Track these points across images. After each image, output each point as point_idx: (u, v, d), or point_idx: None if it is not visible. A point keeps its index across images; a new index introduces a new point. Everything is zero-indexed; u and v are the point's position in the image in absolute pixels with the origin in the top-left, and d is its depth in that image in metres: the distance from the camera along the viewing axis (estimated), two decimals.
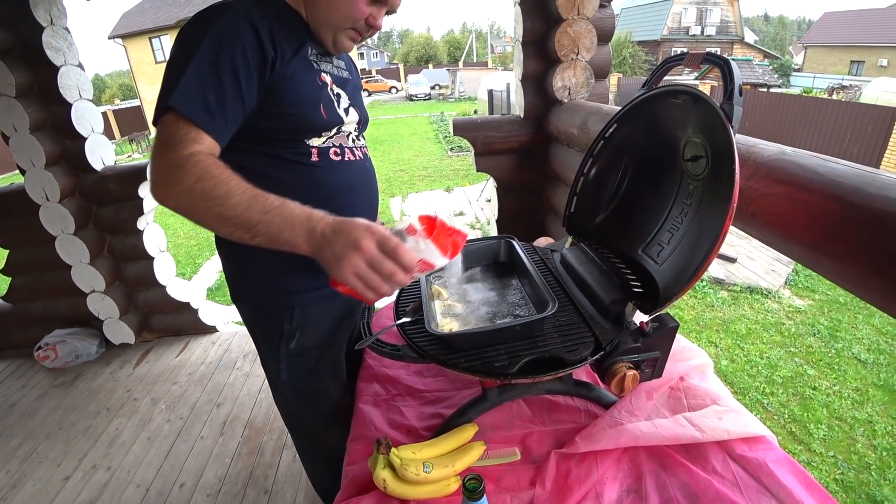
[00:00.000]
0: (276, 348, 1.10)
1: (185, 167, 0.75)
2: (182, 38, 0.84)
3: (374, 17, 0.95)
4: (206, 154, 0.78)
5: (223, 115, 0.82)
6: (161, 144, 0.78)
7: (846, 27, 26.77)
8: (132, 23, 24.47)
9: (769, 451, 0.81)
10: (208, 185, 0.74)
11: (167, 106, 0.78)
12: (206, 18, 0.84)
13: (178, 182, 0.75)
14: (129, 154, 16.96)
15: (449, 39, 65.18)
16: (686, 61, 0.86)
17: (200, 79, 0.79)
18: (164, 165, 0.77)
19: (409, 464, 0.78)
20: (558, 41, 1.89)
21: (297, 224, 0.74)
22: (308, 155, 0.98)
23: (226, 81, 0.81)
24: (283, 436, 2.13)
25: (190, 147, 0.77)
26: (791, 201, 0.72)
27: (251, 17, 0.84)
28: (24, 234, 2.70)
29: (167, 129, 0.78)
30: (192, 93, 0.78)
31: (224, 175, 0.76)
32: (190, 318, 2.99)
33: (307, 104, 0.94)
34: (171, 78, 0.80)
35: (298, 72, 0.92)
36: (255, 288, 1.07)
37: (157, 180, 0.78)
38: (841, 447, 2.77)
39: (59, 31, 2.35)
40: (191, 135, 0.78)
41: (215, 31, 0.81)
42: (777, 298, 4.46)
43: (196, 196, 0.75)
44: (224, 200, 0.74)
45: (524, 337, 0.82)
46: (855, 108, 9.15)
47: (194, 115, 0.78)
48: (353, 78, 1.12)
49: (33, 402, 2.55)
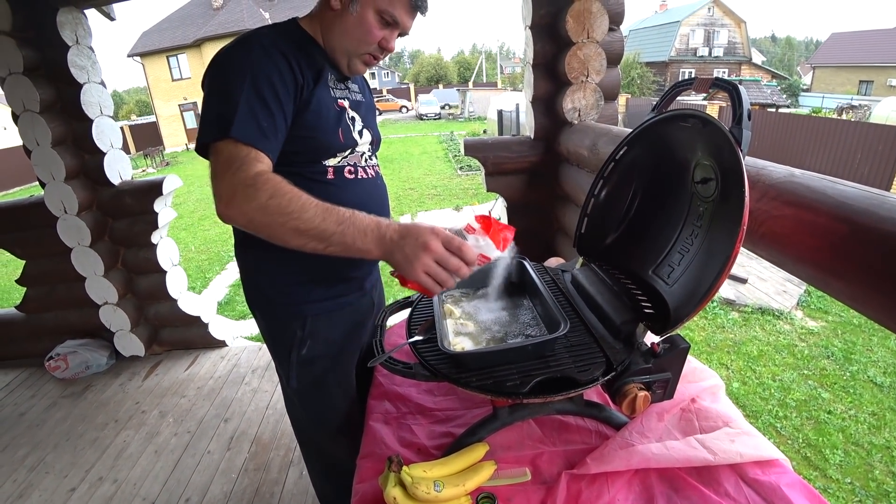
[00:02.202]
0: (288, 355, 1.15)
1: (255, 185, 0.80)
2: (219, 74, 0.90)
3: (387, 39, 0.98)
4: (272, 173, 0.84)
5: (275, 136, 0.89)
6: (225, 166, 0.83)
7: (854, 47, 26.88)
8: (151, 41, 25.18)
9: (783, 474, 0.80)
10: (283, 202, 0.79)
11: (226, 136, 0.84)
12: (238, 53, 0.90)
13: (251, 199, 0.80)
14: (143, 169, 17.27)
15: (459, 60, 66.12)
16: (695, 86, 0.87)
17: (250, 107, 0.85)
18: (234, 184, 0.81)
19: (420, 482, 0.78)
20: (568, 64, 1.92)
21: (368, 233, 0.79)
22: (324, 173, 1.03)
23: (272, 105, 0.87)
24: (290, 453, 2.12)
25: (255, 167, 0.83)
26: (800, 223, 0.73)
27: (280, 48, 0.91)
28: (41, 246, 2.76)
29: (227, 152, 0.84)
30: (247, 120, 0.85)
31: (294, 191, 0.81)
32: (200, 332, 3.01)
33: (326, 129, 0.99)
34: (220, 108, 0.86)
35: (319, 98, 0.97)
36: (271, 297, 1.13)
37: (228, 199, 0.81)
38: (858, 473, 2.70)
39: (83, 50, 2.43)
40: (251, 155, 0.84)
41: (252, 62, 0.88)
42: (789, 320, 4.40)
43: (271, 212, 0.79)
44: (299, 214, 0.79)
45: (536, 357, 0.82)
46: (865, 128, 9.11)
47: (254, 140, 0.85)
48: (366, 100, 1.16)
49: (42, 412, 2.57)
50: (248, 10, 23.46)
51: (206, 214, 9.48)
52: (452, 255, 0.78)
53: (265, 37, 0.93)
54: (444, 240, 0.78)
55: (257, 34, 0.93)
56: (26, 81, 2.31)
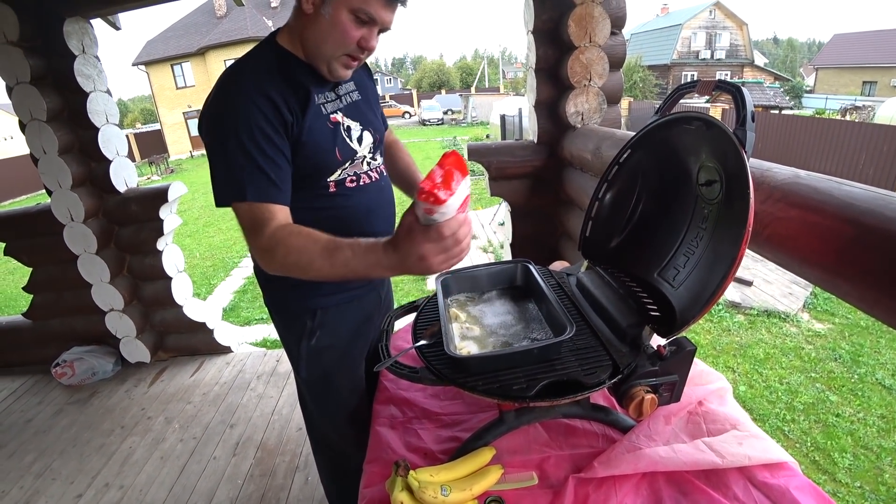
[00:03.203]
0: (298, 345, 1.20)
1: (269, 249, 0.90)
2: (214, 133, 0.93)
3: (366, 38, 0.95)
4: (282, 226, 0.91)
5: (286, 181, 0.95)
6: (247, 231, 0.93)
7: (857, 48, 26.81)
8: (156, 50, 25.42)
9: (792, 477, 0.79)
10: (294, 258, 0.88)
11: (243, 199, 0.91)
12: (225, 108, 0.93)
13: (272, 261, 0.91)
14: (148, 176, 17.39)
15: (461, 65, 66.38)
16: (698, 88, 0.88)
17: (255, 164, 0.91)
18: (257, 248, 0.92)
19: (427, 486, 0.77)
20: (571, 68, 1.93)
21: (373, 267, 0.84)
22: (326, 188, 1.06)
23: (271, 153, 0.92)
24: (296, 458, 2.12)
25: (269, 227, 0.90)
26: (805, 224, 0.73)
27: (262, 90, 0.92)
28: (47, 253, 2.77)
29: (247, 215, 0.92)
30: (257, 178, 0.91)
31: (301, 243, 0.88)
32: (205, 338, 3.02)
33: (324, 152, 1.02)
34: (227, 170, 0.92)
35: (310, 128, 0.98)
36: (283, 291, 1.18)
37: (259, 260, 0.94)
38: (868, 477, 2.67)
39: (90, 59, 2.46)
40: (265, 215, 0.91)
41: (239, 115, 0.91)
42: (795, 322, 4.37)
43: (290, 268, 0.90)
44: (310, 266, 0.87)
45: (542, 360, 0.82)
46: (869, 129, 9.07)
47: (268, 197, 0.92)
48: (363, 93, 1.14)
49: (49, 418, 2.58)
50: (252, 18, 23.66)
51: (211, 221, 9.52)
52: (447, 245, 0.76)
53: (246, 80, 0.93)
54: (430, 239, 0.75)
55: (241, 80, 0.94)
56: (33, 90, 2.34)
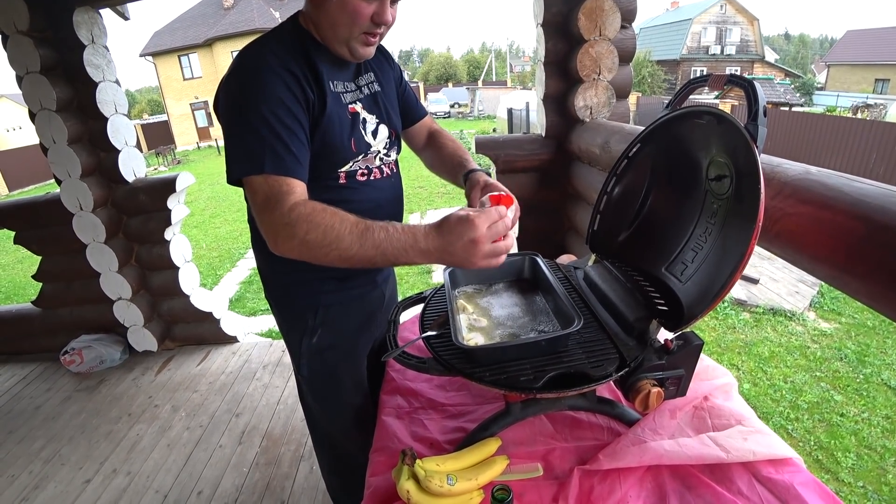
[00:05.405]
0: (299, 343, 1.18)
1: (291, 223, 0.82)
2: (235, 103, 0.90)
3: (380, 13, 0.91)
4: (304, 201, 0.85)
5: (305, 156, 0.91)
6: (263, 205, 0.86)
7: (870, 45, 26.41)
8: (163, 41, 25.45)
9: (796, 473, 0.79)
10: (319, 235, 0.81)
11: (261, 171, 0.85)
12: (249, 79, 0.89)
13: (292, 237, 0.82)
14: (155, 167, 17.47)
15: (468, 59, 66.05)
16: (710, 83, 0.87)
17: (277, 135, 0.86)
18: (274, 224, 0.84)
19: (434, 476, 0.78)
20: (580, 61, 1.92)
21: (408, 249, 0.81)
22: (336, 179, 1.04)
23: (294, 127, 0.88)
24: (301, 448, 2.14)
25: (289, 200, 0.84)
26: (815, 220, 0.72)
27: (285, 64, 0.90)
28: (56, 243, 2.80)
29: (263, 189, 0.86)
30: (278, 150, 0.86)
31: (328, 220, 0.82)
32: (212, 327, 3.05)
33: (338, 142, 1.00)
34: (246, 141, 0.87)
35: (329, 113, 0.96)
36: (286, 288, 1.16)
37: (274, 239, 0.85)
38: (871, 477, 2.66)
39: (99, 49, 2.47)
40: (283, 188, 0.85)
41: (265, 87, 0.87)
42: (801, 321, 4.35)
43: (312, 246, 0.82)
44: (337, 244, 0.81)
45: (549, 352, 0.82)
46: (880, 127, 8.95)
47: (287, 170, 0.86)
48: (384, 84, 1.12)
49: (58, 405, 2.62)
50: (259, 10, 23.61)
51: (217, 212, 9.56)
52: (495, 232, 0.80)
53: (269, 53, 0.90)
54: (485, 223, 0.79)
55: (263, 53, 0.91)
56: (43, 80, 2.35)
